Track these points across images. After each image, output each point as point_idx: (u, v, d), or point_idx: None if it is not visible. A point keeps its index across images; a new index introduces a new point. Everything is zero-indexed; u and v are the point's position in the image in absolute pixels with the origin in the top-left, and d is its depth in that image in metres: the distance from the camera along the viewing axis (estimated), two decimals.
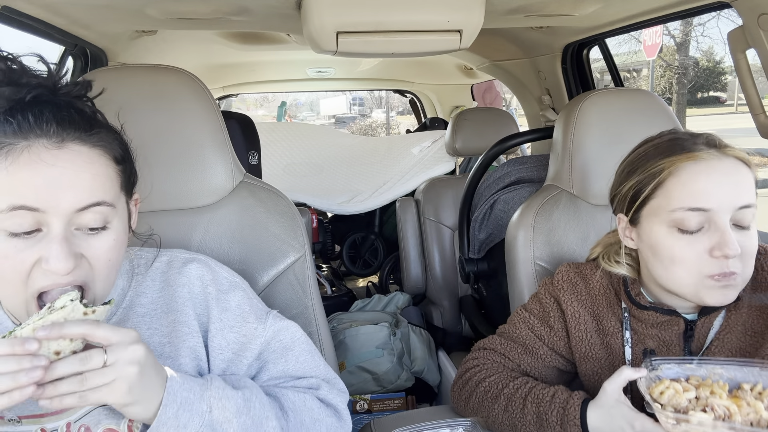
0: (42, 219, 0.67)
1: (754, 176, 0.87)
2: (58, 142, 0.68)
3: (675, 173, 0.86)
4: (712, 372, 0.81)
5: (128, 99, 1.03)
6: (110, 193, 0.72)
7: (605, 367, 1.01)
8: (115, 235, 0.74)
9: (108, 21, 1.64)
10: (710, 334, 0.93)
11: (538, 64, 2.36)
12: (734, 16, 1.31)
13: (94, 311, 0.68)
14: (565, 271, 1.08)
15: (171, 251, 0.92)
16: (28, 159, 0.66)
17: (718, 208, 0.83)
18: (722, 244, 0.81)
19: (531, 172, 1.82)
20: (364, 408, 1.98)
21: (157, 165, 1.05)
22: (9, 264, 0.68)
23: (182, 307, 0.86)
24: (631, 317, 0.99)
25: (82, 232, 0.70)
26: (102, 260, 0.72)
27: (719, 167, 0.84)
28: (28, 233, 0.67)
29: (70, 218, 0.69)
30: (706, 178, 0.84)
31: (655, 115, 1.28)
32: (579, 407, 0.87)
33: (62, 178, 0.67)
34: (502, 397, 0.97)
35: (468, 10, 1.28)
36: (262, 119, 11.81)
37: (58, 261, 0.67)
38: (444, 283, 2.28)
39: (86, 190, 0.69)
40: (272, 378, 0.91)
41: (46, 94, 0.70)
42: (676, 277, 0.87)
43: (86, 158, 0.70)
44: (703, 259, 0.83)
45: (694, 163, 0.85)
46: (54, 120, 0.68)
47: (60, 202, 0.67)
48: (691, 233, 0.84)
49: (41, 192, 0.66)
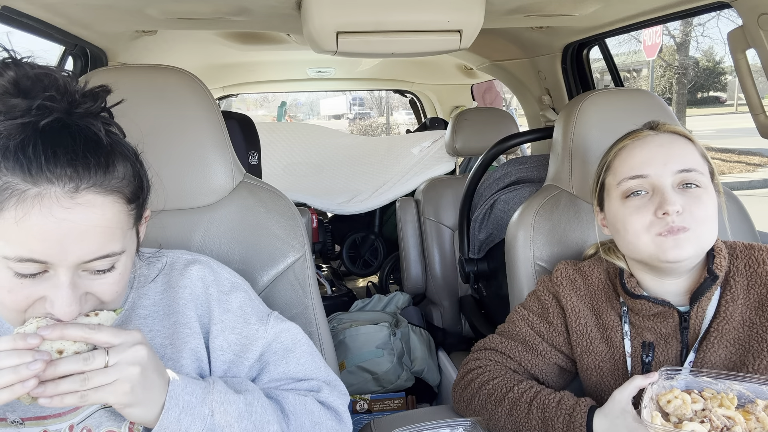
0: (49, 267, 0.66)
1: (696, 148, 0.97)
2: (71, 192, 0.64)
3: (619, 153, 0.99)
4: (729, 388, 0.82)
5: (128, 99, 1.03)
6: (120, 240, 0.70)
7: (606, 361, 1.02)
8: (121, 269, 0.72)
9: (108, 21, 1.64)
10: (704, 323, 0.95)
11: (538, 64, 2.36)
12: (734, 16, 1.31)
13: (97, 314, 0.69)
14: (563, 268, 1.09)
15: (173, 252, 0.92)
16: (39, 213, 0.62)
17: (655, 173, 0.93)
18: (662, 203, 0.90)
19: (531, 172, 1.82)
20: (364, 408, 1.98)
21: (157, 165, 1.04)
22: (12, 298, 0.67)
23: (184, 309, 0.86)
24: (629, 311, 1.01)
25: (89, 273, 0.69)
26: (108, 294, 0.72)
27: (654, 141, 0.96)
28: (34, 275, 0.66)
29: (77, 267, 0.67)
30: (640, 150, 0.96)
31: (655, 115, 1.27)
32: (585, 414, 0.88)
33: (72, 233, 0.64)
34: (506, 400, 0.97)
35: (468, 10, 1.28)
36: (262, 119, 11.82)
37: (63, 307, 0.66)
38: (444, 283, 2.28)
39: (96, 244, 0.67)
40: (273, 380, 0.90)
41: (61, 116, 0.65)
42: (634, 242, 0.94)
43: (99, 210, 0.66)
44: (653, 221, 0.92)
45: (633, 141, 0.98)
46: (68, 165, 0.63)
47: (68, 256, 0.65)
48: (636, 197, 0.94)
49: (50, 246, 0.64)
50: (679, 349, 0.97)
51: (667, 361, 0.97)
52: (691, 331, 0.96)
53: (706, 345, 0.94)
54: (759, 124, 1.33)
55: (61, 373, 0.64)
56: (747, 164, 11.66)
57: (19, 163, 0.62)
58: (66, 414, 0.79)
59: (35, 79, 0.64)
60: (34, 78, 0.64)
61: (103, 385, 0.65)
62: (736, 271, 0.97)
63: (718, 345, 0.93)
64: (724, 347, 0.93)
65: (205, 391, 0.75)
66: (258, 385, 0.90)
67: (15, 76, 0.64)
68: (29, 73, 0.64)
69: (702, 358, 0.94)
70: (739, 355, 0.92)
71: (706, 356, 0.93)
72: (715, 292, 0.96)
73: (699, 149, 0.97)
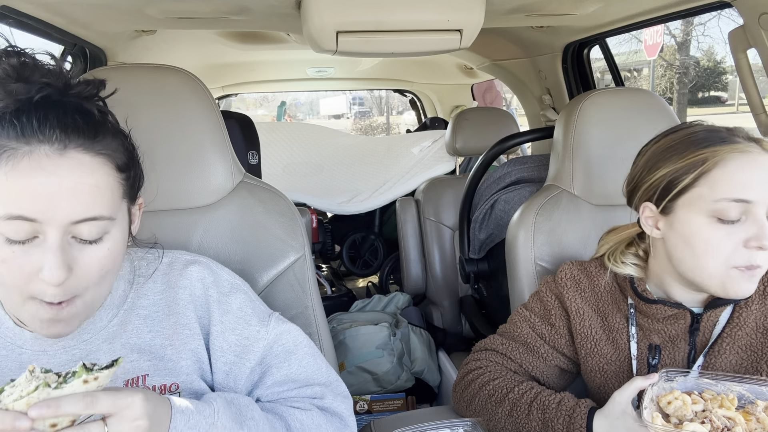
0: (39, 228, 0.67)
1: None
2: (60, 149, 0.67)
3: (721, 164, 0.85)
4: (729, 389, 0.82)
5: (128, 99, 1.02)
6: (109, 205, 0.71)
7: (611, 363, 1.01)
8: (110, 244, 0.73)
9: (107, 20, 1.64)
10: (716, 328, 0.94)
11: (539, 63, 2.36)
12: (735, 16, 1.31)
13: (96, 378, 0.61)
14: (568, 269, 1.08)
15: (172, 253, 0.91)
16: (29, 166, 0.65)
17: (759, 200, 0.84)
18: (760, 235, 0.82)
19: (531, 172, 1.82)
20: (364, 408, 1.97)
21: (156, 165, 1.05)
22: (7, 269, 0.68)
23: (184, 310, 0.86)
24: (637, 313, 1.00)
25: (77, 241, 0.70)
26: (93, 270, 0.72)
27: (762, 161, 0.85)
28: (24, 241, 0.67)
29: (67, 229, 0.68)
30: (751, 170, 0.84)
31: (656, 115, 1.28)
32: (585, 416, 0.87)
33: (61, 188, 0.66)
34: (506, 401, 0.97)
35: (468, 9, 1.27)
36: (262, 119, 11.81)
37: (51, 271, 0.67)
38: (444, 284, 2.28)
39: (84, 203, 0.68)
40: (276, 383, 0.89)
41: (56, 94, 0.69)
42: (705, 267, 0.86)
43: (87, 168, 0.69)
44: (737, 249, 0.84)
45: (740, 155, 0.85)
46: (58, 126, 0.67)
47: (57, 213, 0.66)
48: (730, 223, 0.85)
49: (39, 202, 0.66)
50: (687, 351, 0.96)
51: (674, 364, 0.96)
52: (700, 333, 0.95)
53: (717, 350, 0.92)
54: (760, 124, 1.32)
55: None
56: None
57: (12, 126, 0.66)
58: None
59: (34, 67, 0.68)
60: (33, 66, 0.68)
61: None
62: None
63: (729, 351, 0.92)
64: (735, 353, 0.92)
65: (210, 424, 0.73)
66: (261, 390, 0.89)
67: (17, 62, 0.67)
68: (29, 61, 0.68)
69: (711, 363, 0.92)
70: (751, 361, 0.91)
71: (716, 361, 0.92)
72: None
73: None
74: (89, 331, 0.82)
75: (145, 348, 0.83)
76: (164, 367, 0.83)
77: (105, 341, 0.82)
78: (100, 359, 0.81)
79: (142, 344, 0.83)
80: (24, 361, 0.79)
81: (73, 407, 0.59)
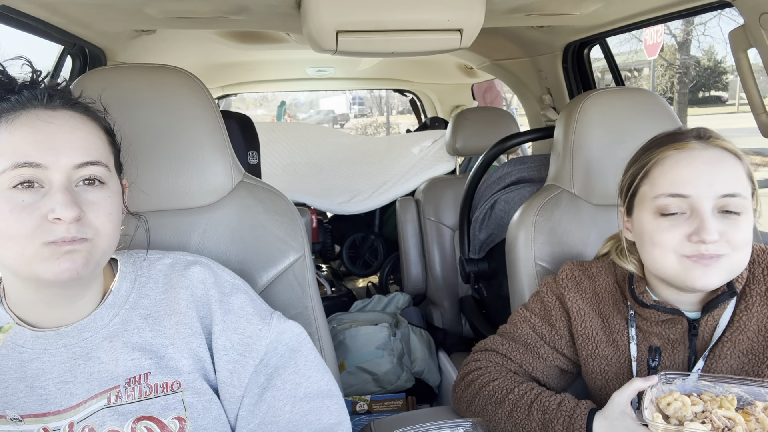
0: (44, 176, 0.72)
1: (745, 168, 0.89)
2: (52, 108, 0.75)
3: (660, 162, 0.90)
4: (727, 391, 0.81)
5: (127, 99, 1.03)
6: (104, 154, 0.79)
7: (612, 365, 1.01)
8: (110, 194, 0.78)
9: (107, 20, 1.64)
10: (716, 332, 0.93)
11: (539, 63, 2.36)
12: (735, 16, 1.31)
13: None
14: (569, 270, 1.08)
15: (173, 254, 0.92)
16: (27, 120, 0.73)
17: (698, 195, 0.85)
18: (699, 229, 0.84)
19: (532, 172, 1.81)
20: (364, 409, 1.97)
21: (156, 165, 1.05)
22: (15, 219, 0.71)
23: (185, 309, 0.86)
24: (636, 315, 1.00)
25: (80, 188, 0.75)
26: (102, 212, 0.76)
27: (702, 156, 0.87)
28: (31, 184, 0.72)
29: (70, 174, 0.74)
30: (686, 166, 0.87)
31: (656, 115, 1.28)
32: (585, 416, 0.87)
33: (59, 134, 0.74)
34: (506, 402, 0.97)
35: (468, 9, 1.27)
36: (262, 119, 11.81)
37: (64, 208, 0.71)
38: (444, 284, 2.28)
39: (82, 147, 0.75)
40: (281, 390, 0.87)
41: (32, 86, 0.76)
42: (660, 261, 0.89)
43: (79, 120, 0.77)
44: (683, 242, 0.86)
45: (678, 152, 0.89)
46: (47, 93, 0.76)
47: (60, 157, 0.73)
48: (672, 216, 0.87)
49: (42, 147, 0.72)
50: (686, 355, 0.95)
51: (674, 367, 0.96)
52: (700, 338, 0.94)
53: (718, 354, 0.92)
54: (760, 124, 1.32)
55: None
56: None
57: (8, 102, 0.74)
58: (65, 411, 0.79)
59: (11, 80, 0.76)
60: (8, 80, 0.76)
61: None
62: (752, 278, 0.93)
63: (730, 355, 0.91)
64: (736, 357, 0.91)
65: None
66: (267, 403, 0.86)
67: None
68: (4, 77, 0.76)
69: (712, 366, 0.92)
70: (752, 365, 0.90)
71: (717, 364, 0.91)
72: (730, 302, 0.93)
73: (746, 168, 0.89)
74: (90, 329, 0.82)
75: (146, 347, 0.83)
76: (165, 366, 0.83)
77: (105, 339, 0.82)
78: (101, 357, 0.81)
79: (143, 343, 0.83)
80: (25, 359, 0.80)
81: None
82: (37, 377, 0.79)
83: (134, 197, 0.98)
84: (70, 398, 0.79)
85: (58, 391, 0.79)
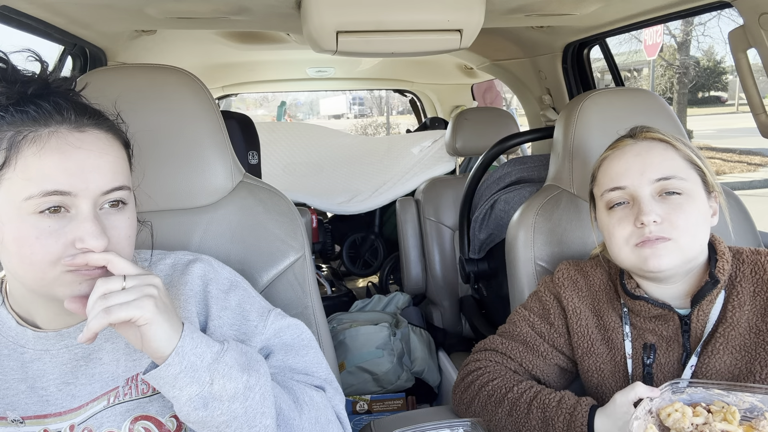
0: (70, 202, 0.71)
1: (679, 153, 0.95)
2: (78, 127, 0.73)
3: (601, 164, 1.01)
4: (741, 400, 0.79)
5: (128, 99, 1.02)
6: (127, 176, 0.78)
7: (607, 363, 1.01)
8: (130, 214, 0.78)
9: (107, 20, 1.64)
10: (707, 326, 0.94)
11: (539, 63, 2.36)
12: (735, 16, 1.31)
13: None
14: (565, 269, 1.09)
15: (174, 254, 0.92)
16: (57, 143, 0.70)
17: (632, 183, 0.94)
18: (639, 213, 0.91)
19: (531, 172, 1.82)
20: (364, 409, 1.97)
21: (156, 165, 1.05)
22: (41, 245, 0.69)
23: (185, 305, 0.86)
24: (629, 312, 1.01)
25: (105, 211, 0.74)
26: (123, 236, 0.76)
27: (632, 149, 0.97)
28: (57, 209, 0.70)
29: (97, 200, 0.73)
30: (618, 160, 0.97)
31: (655, 115, 1.28)
32: (587, 414, 0.87)
33: (88, 161, 0.72)
34: (506, 401, 0.97)
35: (468, 9, 1.27)
36: (262, 119, 11.81)
37: (95, 239, 0.70)
38: (444, 284, 2.28)
39: (110, 173, 0.74)
40: (277, 367, 0.88)
41: (41, 87, 0.73)
42: (617, 253, 0.96)
43: (105, 143, 0.75)
44: (633, 232, 0.93)
45: (613, 152, 1.00)
46: (72, 108, 0.73)
47: (89, 184, 0.71)
48: (618, 207, 0.96)
49: (71, 174, 0.70)
50: (680, 353, 0.96)
51: (669, 364, 0.96)
52: (692, 334, 0.95)
53: (711, 350, 0.92)
54: (760, 124, 1.32)
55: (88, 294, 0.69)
56: (748, 164, 11.66)
57: (23, 113, 0.70)
58: (66, 413, 0.79)
59: (13, 69, 0.73)
60: (12, 69, 0.73)
61: (126, 302, 0.67)
62: (742, 277, 0.95)
63: (723, 351, 0.92)
64: (729, 354, 0.92)
65: (214, 359, 0.73)
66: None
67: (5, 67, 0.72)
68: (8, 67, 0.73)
69: (705, 364, 0.92)
70: (745, 362, 0.91)
71: (710, 362, 0.92)
72: (718, 296, 0.94)
73: (683, 154, 0.95)
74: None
75: None
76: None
77: (107, 340, 0.82)
78: (103, 358, 0.81)
79: None
80: (26, 360, 0.80)
81: (100, 258, 0.70)
82: (39, 378, 0.79)
83: (135, 197, 0.98)
84: (72, 400, 0.79)
85: (59, 393, 0.79)
